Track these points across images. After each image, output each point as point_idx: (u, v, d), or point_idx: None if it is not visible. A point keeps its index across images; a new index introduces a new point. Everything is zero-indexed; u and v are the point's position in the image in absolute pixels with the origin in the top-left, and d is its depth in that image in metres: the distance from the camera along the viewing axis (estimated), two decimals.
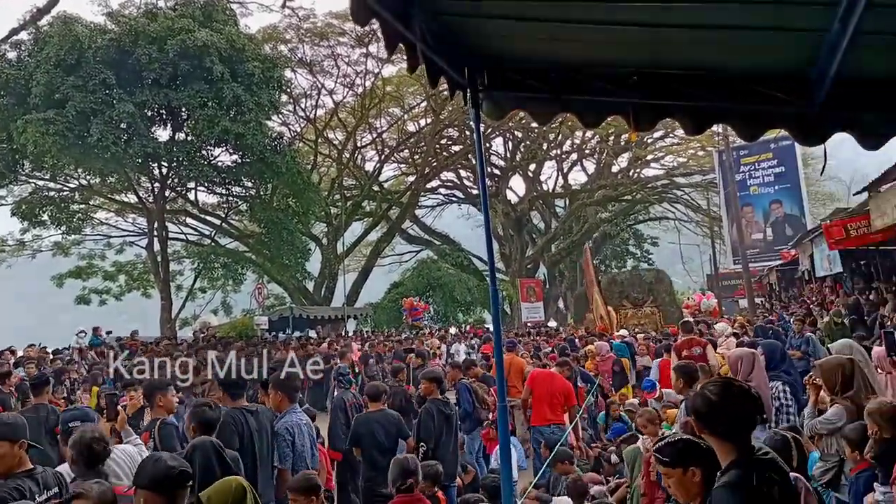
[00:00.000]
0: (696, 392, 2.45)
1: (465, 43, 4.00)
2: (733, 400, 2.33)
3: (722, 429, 2.33)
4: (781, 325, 14.80)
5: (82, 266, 30.96)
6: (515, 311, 34.13)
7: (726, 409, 2.31)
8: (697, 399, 2.40)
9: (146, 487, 2.71)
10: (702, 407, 2.36)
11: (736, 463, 2.27)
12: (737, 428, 2.33)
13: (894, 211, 10.61)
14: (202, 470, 3.66)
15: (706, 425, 2.36)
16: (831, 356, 4.74)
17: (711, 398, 2.34)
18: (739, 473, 2.23)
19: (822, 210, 31.06)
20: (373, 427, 6.10)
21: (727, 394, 2.34)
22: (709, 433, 2.36)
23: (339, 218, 33.89)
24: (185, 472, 2.74)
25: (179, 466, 2.74)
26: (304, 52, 31.90)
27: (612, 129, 33.22)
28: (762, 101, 3.96)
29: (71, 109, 21.08)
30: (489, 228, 5.17)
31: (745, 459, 2.27)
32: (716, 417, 2.32)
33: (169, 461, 2.76)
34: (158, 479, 2.71)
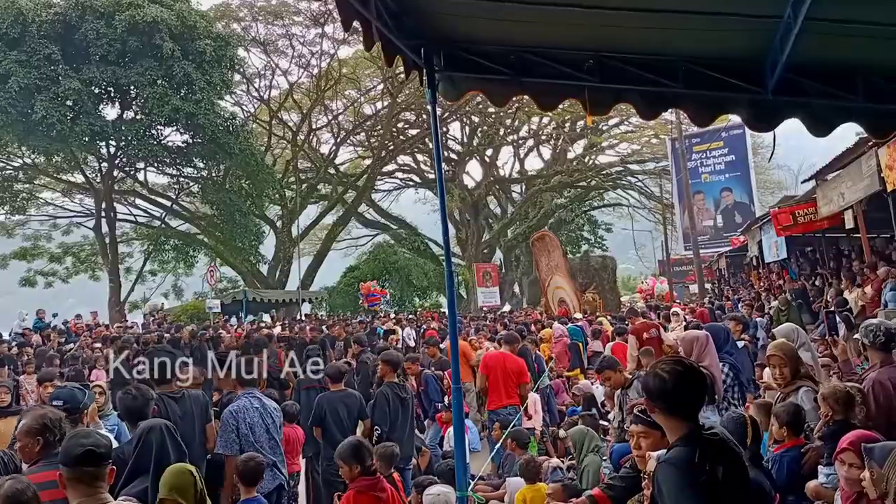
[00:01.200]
0: (648, 371, 2.48)
1: (422, 22, 3.96)
2: (683, 378, 2.35)
3: (672, 407, 2.35)
4: (731, 309, 15.19)
5: (27, 247, 30.01)
6: (471, 295, 34.29)
7: (676, 387, 2.33)
8: (650, 377, 2.42)
9: (64, 463, 2.76)
10: (653, 384, 2.38)
11: (681, 440, 2.31)
12: (685, 406, 2.35)
13: (840, 198, 10.95)
14: (157, 452, 3.63)
15: (655, 402, 2.38)
16: (783, 342, 4.85)
17: (663, 376, 2.36)
18: (683, 450, 2.26)
19: (770, 198, 31.85)
20: (336, 406, 6.17)
21: (677, 372, 2.36)
22: (658, 411, 2.38)
23: (294, 201, 33.46)
24: (91, 451, 2.72)
25: (93, 446, 2.73)
26: (258, 31, 31.28)
27: (569, 116, 33.46)
28: (715, 86, 4.02)
29: (14, 85, 20.32)
30: (445, 213, 5.16)
31: (691, 437, 2.29)
32: (665, 395, 2.35)
33: (84, 440, 2.77)
34: (66, 454, 2.76)
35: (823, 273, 15.40)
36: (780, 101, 3.95)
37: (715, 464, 2.20)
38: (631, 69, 4.05)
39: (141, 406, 4.30)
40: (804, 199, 13.91)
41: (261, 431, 5.09)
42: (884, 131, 4.34)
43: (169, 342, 13.36)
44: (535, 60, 4.15)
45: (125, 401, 4.37)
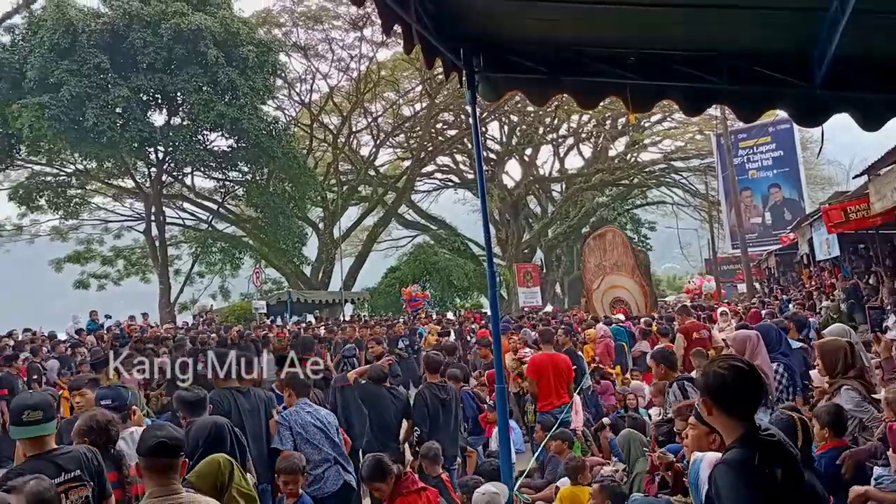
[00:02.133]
0: (706, 369, 2.41)
1: (461, 24, 3.97)
2: (743, 377, 2.30)
3: (730, 406, 2.30)
4: (781, 309, 14.82)
5: (81, 251, 30.94)
6: (512, 295, 34.16)
7: (736, 387, 2.29)
8: (710, 375, 2.35)
9: (140, 454, 2.90)
10: (714, 383, 2.32)
11: (739, 441, 2.25)
12: (744, 406, 2.31)
13: (893, 194, 10.58)
14: (205, 450, 3.76)
15: (716, 401, 2.32)
16: (830, 339, 4.73)
17: (724, 374, 2.30)
18: (742, 451, 2.21)
19: (820, 194, 31.01)
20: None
21: (738, 371, 2.31)
22: (718, 410, 2.32)
23: (336, 202, 33.79)
24: (164, 443, 2.83)
25: (166, 438, 2.85)
26: (299, 36, 31.70)
27: (609, 113, 33.10)
28: (761, 81, 3.94)
29: (65, 94, 20.96)
30: (486, 213, 5.17)
31: (749, 438, 2.24)
32: (726, 394, 2.29)
33: (158, 432, 2.90)
34: (142, 446, 2.88)
35: (878, 271, 14.92)
36: (829, 95, 3.86)
37: (773, 466, 2.16)
38: (674, 65, 4.00)
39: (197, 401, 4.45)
40: (856, 194, 13.47)
41: (314, 430, 5.16)
42: None
43: (217, 343, 13.68)
44: (574, 59, 4.13)
45: (183, 397, 4.51)
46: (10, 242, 30.56)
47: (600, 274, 22.30)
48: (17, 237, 30.33)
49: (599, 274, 22.35)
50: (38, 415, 3.32)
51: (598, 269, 22.46)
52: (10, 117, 21.41)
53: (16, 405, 3.42)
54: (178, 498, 2.80)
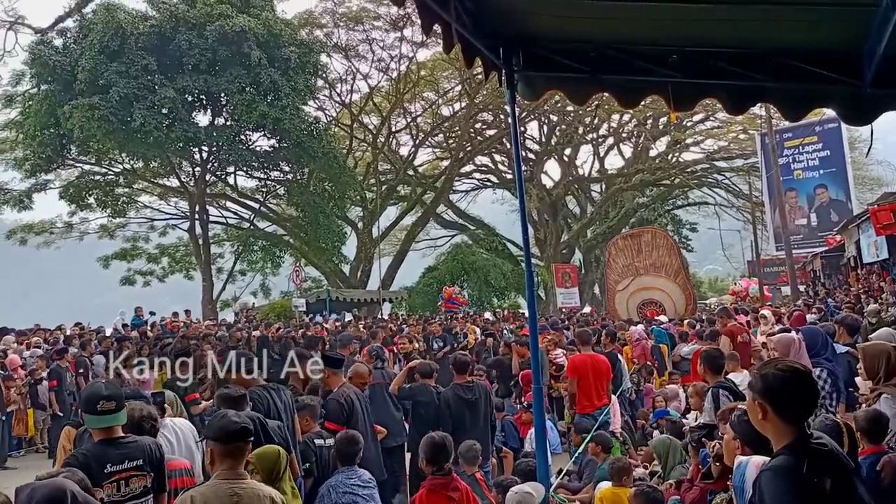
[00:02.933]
0: (763, 371, 2.33)
1: (501, 23, 3.98)
2: (802, 381, 2.25)
3: (786, 409, 2.23)
4: (828, 313, 14.44)
5: (127, 248, 31.74)
6: (550, 296, 33.96)
7: (794, 390, 2.23)
8: (768, 377, 2.28)
9: (211, 438, 3.10)
10: (772, 385, 2.25)
11: (789, 447, 2.18)
12: (798, 410, 2.24)
13: None
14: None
15: (772, 404, 2.24)
16: (875, 342, 4.60)
17: (783, 376, 2.24)
18: (790, 458, 2.14)
19: (868, 195, 30.14)
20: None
21: (797, 374, 2.25)
22: (773, 413, 2.24)
23: (375, 202, 34.04)
24: (246, 427, 3.09)
25: (242, 423, 3.09)
26: (340, 37, 31.95)
27: (650, 112, 32.63)
28: (807, 79, 3.86)
29: (114, 95, 21.52)
30: (524, 213, 5.15)
31: (798, 445, 2.17)
32: (783, 397, 2.23)
33: (233, 418, 3.12)
34: (222, 431, 3.07)
35: None
36: (878, 93, 3.76)
37: (822, 475, 2.08)
38: (717, 63, 3.94)
39: (237, 398, 4.57)
40: None
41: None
42: None
43: (259, 340, 13.95)
44: (615, 57, 4.09)
45: (225, 394, 4.65)
46: (61, 240, 31.46)
47: (629, 274, 21.49)
48: (67, 235, 31.22)
49: (628, 274, 21.53)
50: (112, 405, 3.45)
51: (626, 270, 21.60)
52: (62, 118, 22.06)
53: (90, 395, 3.54)
54: (244, 483, 3.00)
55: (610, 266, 22.60)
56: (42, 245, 30.85)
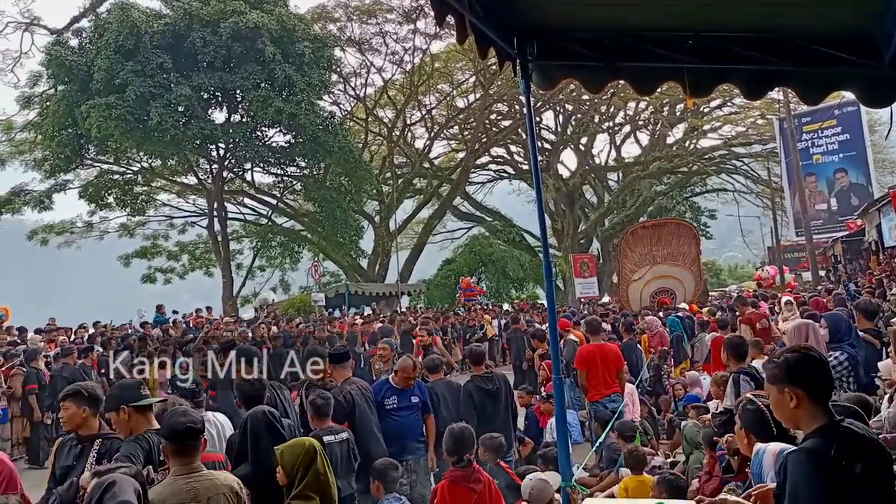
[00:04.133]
0: (782, 357, 2.33)
1: (514, 12, 3.96)
2: (816, 358, 2.27)
3: (815, 388, 2.23)
4: (849, 296, 14.26)
5: (147, 246, 32.06)
6: (569, 286, 33.86)
7: (815, 367, 2.24)
8: (791, 362, 2.28)
9: (163, 437, 3.23)
10: (798, 367, 2.25)
11: (819, 431, 2.18)
12: (825, 388, 2.25)
13: None
14: (252, 437, 3.94)
15: (805, 386, 2.23)
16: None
17: (804, 357, 2.25)
18: (819, 442, 2.15)
19: (889, 178, 29.79)
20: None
21: (810, 354, 2.27)
22: (806, 395, 2.23)
23: (391, 196, 34.09)
24: (191, 427, 3.12)
25: (188, 422, 3.13)
26: (353, 31, 31.99)
27: (667, 99, 32.34)
28: (825, 62, 3.81)
29: (131, 94, 21.69)
30: (541, 204, 5.15)
31: (829, 429, 2.16)
32: (810, 376, 2.24)
33: (180, 417, 3.17)
34: (170, 430, 3.15)
35: None
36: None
37: (853, 459, 2.08)
38: (733, 48, 3.89)
39: (258, 391, 4.63)
40: None
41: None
42: None
43: (281, 333, 14.11)
44: (630, 44, 4.06)
45: (244, 387, 4.70)
46: (82, 239, 31.83)
47: (647, 263, 21.16)
48: (87, 234, 31.59)
49: (646, 263, 21.21)
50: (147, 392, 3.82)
51: (643, 258, 21.20)
52: (79, 118, 22.28)
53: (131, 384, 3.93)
54: (200, 476, 3.08)
55: (626, 255, 22.20)
56: (63, 245, 31.22)
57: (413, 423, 6.01)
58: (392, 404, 5.96)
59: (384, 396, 6.00)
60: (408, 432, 5.93)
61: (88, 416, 3.73)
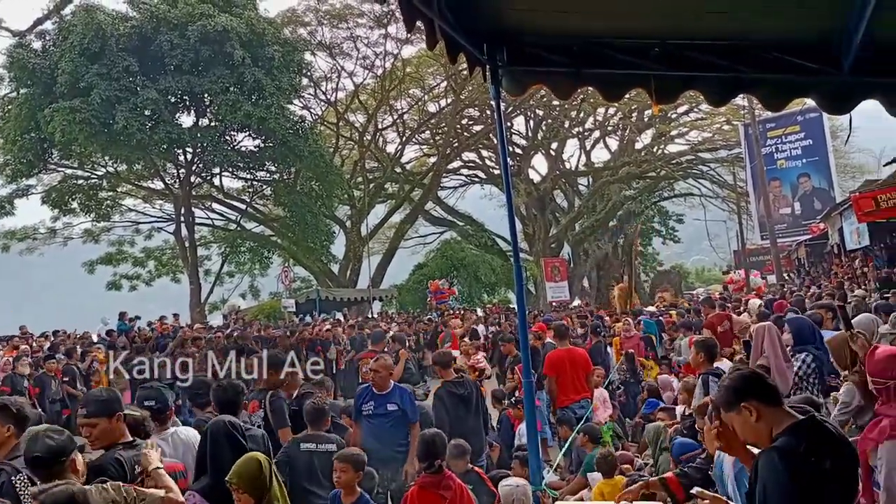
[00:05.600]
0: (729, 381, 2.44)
1: (484, 18, 3.98)
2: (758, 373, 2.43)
3: (769, 395, 2.34)
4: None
5: (112, 252, 31.49)
6: (540, 290, 34.05)
7: (761, 379, 2.37)
8: (737, 377, 2.42)
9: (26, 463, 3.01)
10: (747, 382, 2.38)
11: (788, 430, 2.25)
12: (776, 395, 2.35)
13: None
14: (212, 448, 3.81)
15: (759, 397, 2.34)
16: (837, 333, 4.68)
17: (749, 372, 2.42)
18: (788, 440, 2.21)
19: (851, 183, 30.38)
20: None
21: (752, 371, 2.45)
22: (762, 403, 2.33)
23: (362, 200, 33.98)
24: (38, 457, 2.89)
25: (40, 452, 2.90)
26: (324, 35, 31.85)
27: (635, 105, 32.77)
28: (787, 69, 3.89)
29: (96, 97, 21.34)
30: (512, 208, 5.16)
31: (797, 428, 2.24)
32: (758, 386, 2.35)
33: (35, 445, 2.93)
34: (28, 461, 2.96)
35: None
36: (857, 82, 3.80)
37: (821, 455, 2.14)
38: (698, 55, 3.96)
39: (231, 398, 4.50)
40: (887, 183, 13.28)
41: None
42: None
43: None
44: (598, 51, 4.10)
45: (217, 393, 4.58)
46: (45, 245, 31.18)
47: None
48: (50, 240, 30.94)
49: None
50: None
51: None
52: (42, 122, 21.85)
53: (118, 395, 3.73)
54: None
55: None
56: (25, 251, 30.53)
57: (387, 432, 5.86)
58: (368, 410, 5.88)
59: (363, 401, 5.92)
60: (380, 440, 5.77)
61: (12, 435, 3.35)
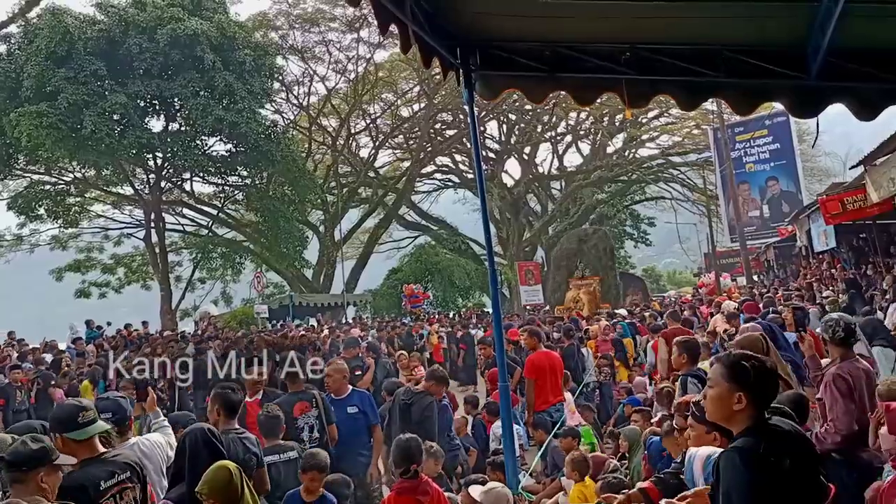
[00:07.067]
0: (747, 362, 2.38)
1: (457, 23, 4.00)
2: (775, 375, 2.36)
3: (763, 399, 2.33)
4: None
5: (81, 259, 30.90)
6: (514, 294, 34.17)
7: (773, 383, 2.34)
8: (753, 370, 2.35)
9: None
10: (758, 376, 2.33)
11: (747, 430, 2.28)
12: (765, 400, 2.34)
13: (890, 184, 10.61)
14: (191, 455, 3.74)
15: (755, 394, 2.32)
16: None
17: (767, 370, 2.34)
18: (748, 440, 2.24)
19: (818, 186, 30.98)
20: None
21: (772, 370, 2.36)
22: (751, 401, 2.32)
23: (336, 205, 33.81)
24: (2, 458, 2.86)
25: (5, 455, 2.86)
26: (296, 39, 31.71)
27: (607, 110, 33.09)
28: (756, 74, 3.97)
29: (63, 101, 20.98)
30: (486, 212, 5.18)
31: (757, 428, 2.27)
32: (765, 388, 2.33)
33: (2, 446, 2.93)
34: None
35: (876, 261, 14.94)
36: (824, 86, 3.88)
37: (780, 456, 2.18)
38: (669, 60, 4.02)
39: (239, 401, 4.56)
40: (853, 185, 13.51)
41: None
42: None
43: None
44: (570, 55, 4.14)
45: (224, 396, 4.57)
46: (11, 252, 30.53)
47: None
48: (17, 247, 30.31)
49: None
50: (91, 414, 3.41)
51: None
52: (7, 127, 21.41)
53: (64, 412, 3.48)
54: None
55: None
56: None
57: (350, 435, 5.85)
58: None
59: None
60: (344, 444, 5.77)
61: None
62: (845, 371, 4.20)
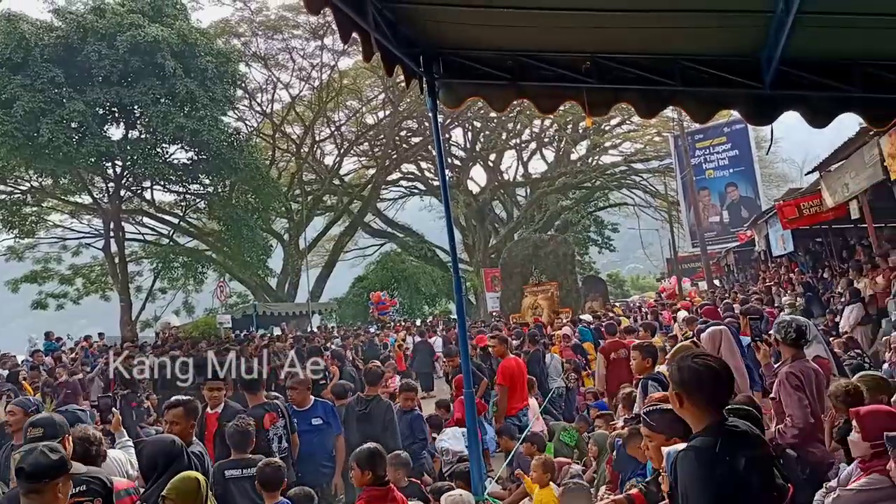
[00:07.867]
0: (680, 363, 2.45)
1: (420, 31, 4.01)
2: (714, 372, 2.37)
3: (700, 398, 2.36)
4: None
5: (37, 270, 30.09)
6: (481, 301, 34.26)
7: (707, 381, 2.36)
8: (684, 370, 2.41)
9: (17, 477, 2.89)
10: (688, 376, 2.38)
11: (704, 430, 2.33)
12: (712, 399, 2.37)
13: (844, 189, 10.92)
14: (162, 464, 3.70)
15: (688, 393, 2.37)
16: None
17: (699, 369, 2.37)
18: (705, 440, 2.28)
19: (776, 192, 31.70)
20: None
21: (709, 367, 2.38)
22: (689, 402, 2.38)
23: (300, 213, 33.57)
24: (22, 469, 2.79)
25: (25, 465, 2.80)
26: (258, 46, 31.48)
27: (570, 118, 33.49)
28: (712, 83, 4.06)
29: (19, 109, 20.50)
30: (450, 219, 5.19)
31: (713, 428, 2.31)
32: (698, 387, 2.36)
33: (28, 457, 2.83)
34: (15, 472, 2.90)
35: (832, 265, 15.34)
36: (778, 94, 3.99)
37: (735, 455, 2.21)
38: (628, 69, 4.09)
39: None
40: (809, 191, 13.89)
41: None
42: (883, 121, 4.35)
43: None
44: (532, 64, 4.19)
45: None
46: None
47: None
48: None
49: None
50: (39, 431, 3.38)
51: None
52: None
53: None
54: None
55: None
56: None
57: (315, 447, 5.80)
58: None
59: None
60: (310, 455, 5.72)
61: None
62: (797, 369, 4.41)
